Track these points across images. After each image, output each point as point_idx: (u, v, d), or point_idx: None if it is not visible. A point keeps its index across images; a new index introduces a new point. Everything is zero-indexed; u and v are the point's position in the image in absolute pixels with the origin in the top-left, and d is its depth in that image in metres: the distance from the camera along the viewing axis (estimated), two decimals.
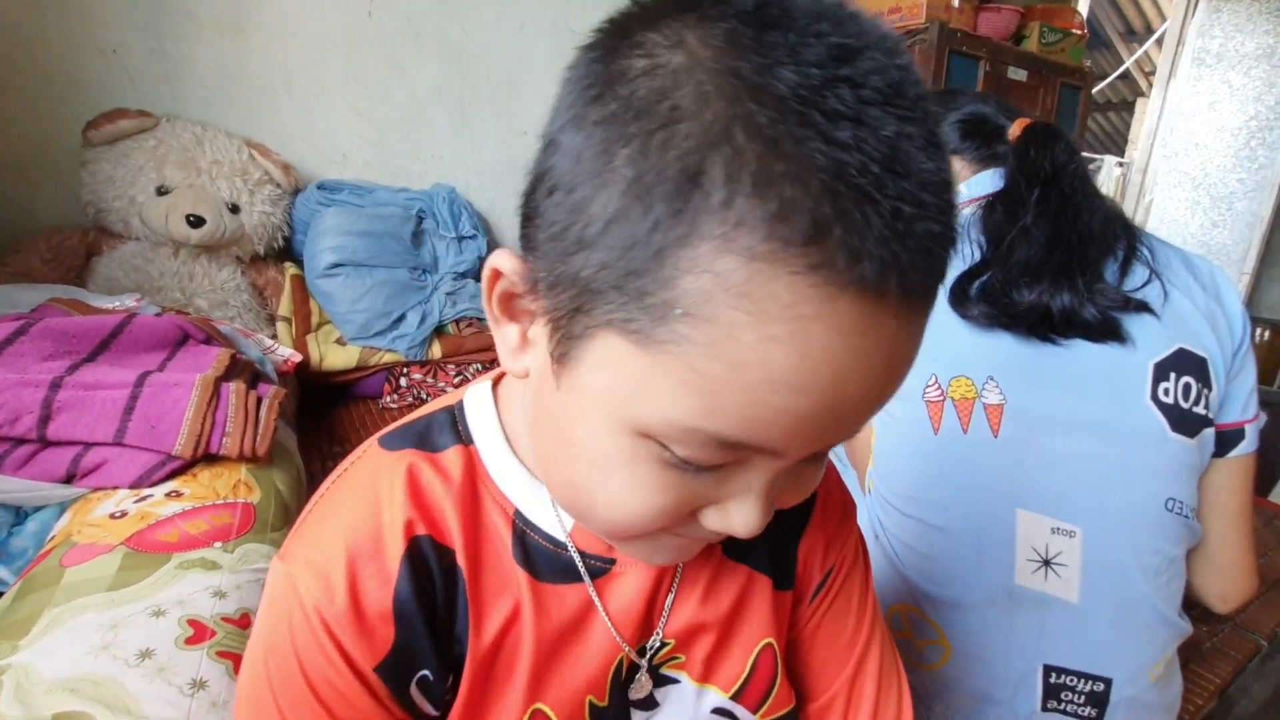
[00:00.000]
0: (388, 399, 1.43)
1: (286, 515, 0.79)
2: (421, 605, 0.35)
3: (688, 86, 0.24)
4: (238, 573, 0.65)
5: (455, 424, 0.40)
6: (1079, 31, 2.46)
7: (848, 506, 0.49)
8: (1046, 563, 0.67)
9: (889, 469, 0.75)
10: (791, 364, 0.24)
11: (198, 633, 0.57)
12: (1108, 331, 0.67)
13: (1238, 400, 0.71)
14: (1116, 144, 7.47)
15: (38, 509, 0.77)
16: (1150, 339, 0.68)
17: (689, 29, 0.25)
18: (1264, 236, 3.90)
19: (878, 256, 0.23)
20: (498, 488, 0.38)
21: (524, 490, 0.38)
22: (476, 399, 0.41)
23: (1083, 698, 0.66)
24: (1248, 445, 0.71)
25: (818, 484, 0.35)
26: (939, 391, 0.70)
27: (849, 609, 0.48)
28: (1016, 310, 0.67)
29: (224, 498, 0.76)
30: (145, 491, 0.75)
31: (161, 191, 1.30)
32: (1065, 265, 0.66)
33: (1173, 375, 0.67)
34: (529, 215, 0.30)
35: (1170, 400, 0.67)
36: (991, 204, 0.71)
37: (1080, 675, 0.66)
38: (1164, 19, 4.90)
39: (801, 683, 0.49)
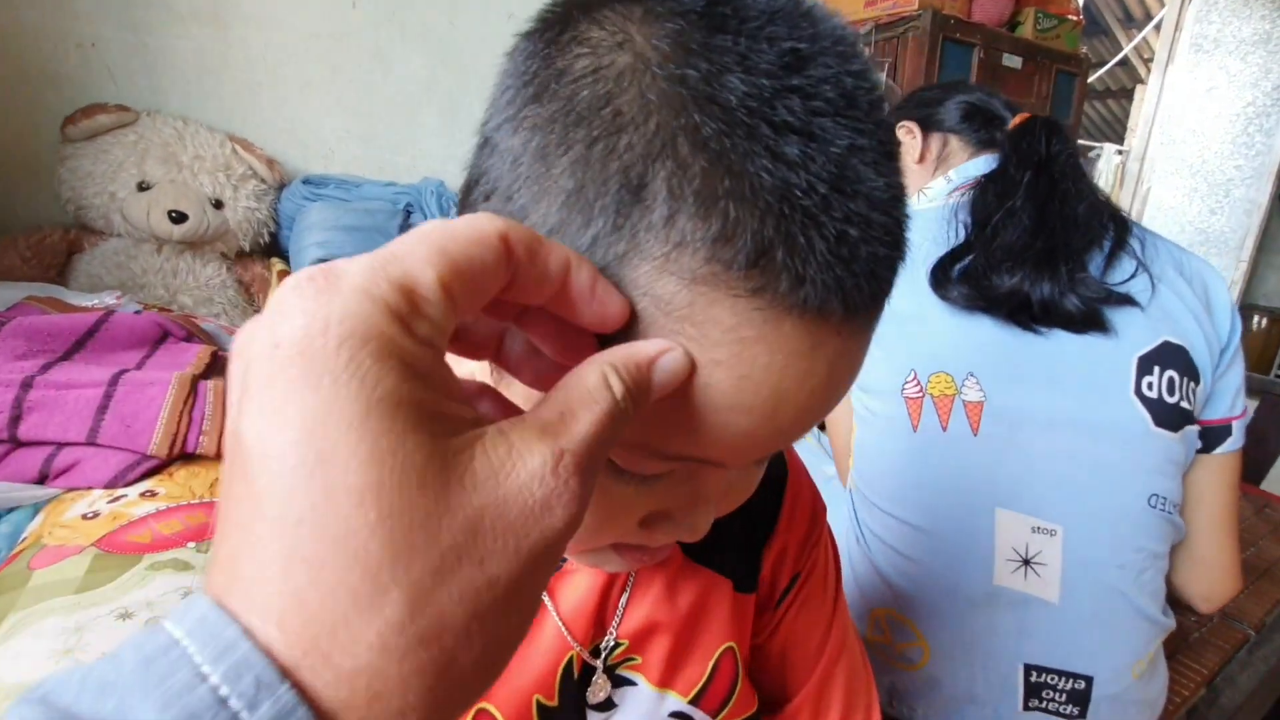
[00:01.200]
0: None
1: None
2: None
3: (631, 92, 0.23)
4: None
5: None
6: (1074, 18, 2.44)
7: (817, 511, 0.48)
8: (1026, 562, 0.66)
9: (869, 467, 0.75)
10: (733, 385, 0.24)
11: None
12: (1089, 322, 0.66)
13: (1225, 396, 0.70)
14: (1116, 132, 7.44)
15: (10, 510, 0.76)
16: (1134, 332, 0.67)
17: (634, 25, 0.24)
18: (1261, 223, 3.89)
19: (820, 281, 0.23)
20: None
21: None
22: None
23: (1064, 696, 0.66)
24: (1234, 442, 0.70)
25: (756, 486, 0.35)
26: (918, 388, 0.69)
27: (818, 613, 0.47)
28: (995, 294, 0.66)
29: (200, 497, 0.75)
30: (119, 491, 0.74)
31: (143, 187, 1.28)
32: (1048, 252, 0.66)
33: (1156, 369, 0.66)
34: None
35: (1154, 395, 0.66)
36: (984, 185, 0.71)
37: (1061, 674, 0.66)
38: (1162, 5, 4.87)
39: (769, 688, 0.49)
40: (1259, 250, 3.96)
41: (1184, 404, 0.67)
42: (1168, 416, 0.66)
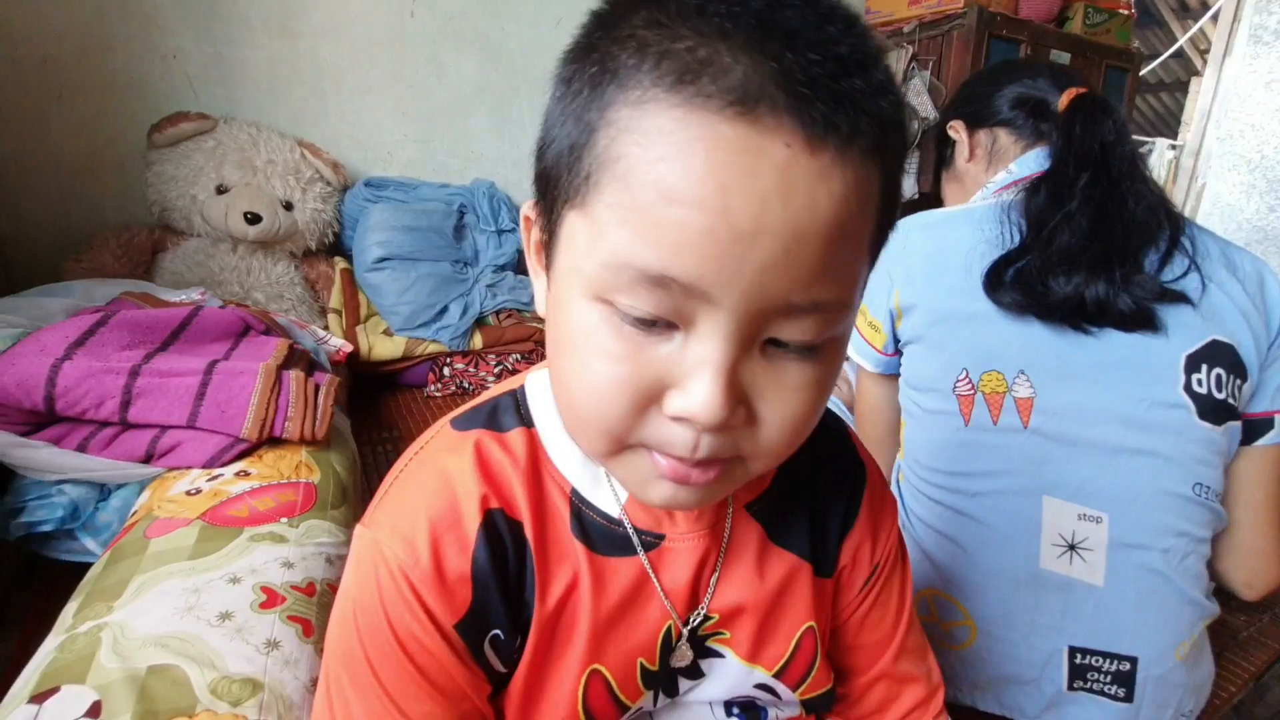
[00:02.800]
0: (432, 388, 1.49)
1: (344, 494, 0.84)
2: (496, 571, 0.39)
3: (621, 28, 0.30)
4: (303, 546, 0.70)
5: (518, 407, 0.44)
6: (1126, 11, 2.39)
7: (889, 507, 0.51)
8: (1072, 547, 0.68)
9: (919, 458, 0.77)
10: (678, 177, 0.27)
11: (270, 599, 0.62)
12: (1141, 321, 0.67)
13: (1268, 389, 0.71)
14: (1169, 125, 7.20)
15: (120, 486, 0.84)
16: (1185, 330, 0.68)
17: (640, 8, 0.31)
18: None
19: (743, 86, 0.27)
20: (555, 467, 0.42)
21: (579, 470, 0.42)
22: (536, 384, 0.44)
23: (1109, 677, 0.68)
24: (1276, 435, 0.71)
25: (811, 400, 0.33)
26: (970, 385, 0.72)
27: (890, 600, 0.51)
28: (1050, 300, 0.67)
29: (287, 477, 0.82)
30: (216, 471, 0.81)
31: (221, 190, 1.37)
32: (1105, 255, 0.66)
33: (1204, 366, 0.67)
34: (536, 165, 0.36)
35: (1203, 390, 0.67)
36: (1036, 185, 0.71)
37: (1106, 655, 0.68)
38: None
39: (845, 664, 0.52)
40: None
41: (1230, 400, 0.68)
42: (1213, 411, 0.67)
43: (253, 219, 1.36)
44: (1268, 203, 3.96)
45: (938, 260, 0.75)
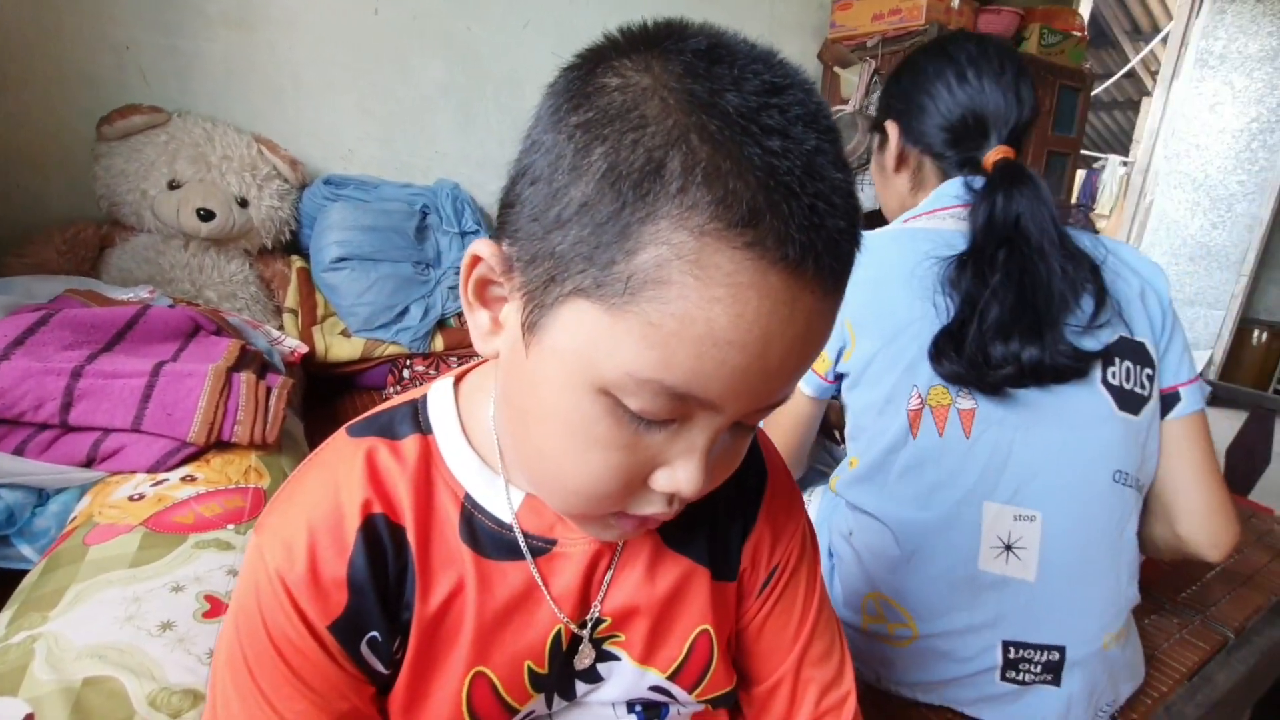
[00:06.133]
0: (391, 390, 1.47)
1: None
2: (373, 575, 0.40)
3: (654, 100, 0.30)
4: None
5: (416, 416, 0.45)
6: (1079, 34, 2.48)
7: (794, 503, 0.53)
8: (1008, 548, 0.72)
9: (868, 471, 0.80)
10: (730, 321, 0.29)
11: (214, 607, 0.61)
12: (1074, 374, 0.72)
13: (1170, 367, 0.78)
14: (1122, 143, 7.47)
15: (59, 491, 0.81)
16: (1103, 334, 0.75)
17: (654, 59, 0.31)
18: (1263, 239, 3.91)
19: (799, 241, 0.29)
20: (450, 473, 0.43)
21: (475, 477, 0.43)
22: (438, 394, 0.46)
23: (1039, 667, 0.73)
24: (1187, 406, 0.78)
25: (742, 458, 0.40)
26: (919, 401, 0.75)
27: (795, 600, 0.52)
28: (989, 370, 0.71)
29: (236, 483, 0.80)
30: (161, 476, 0.79)
31: (173, 185, 1.33)
32: (1035, 323, 0.71)
33: (1117, 359, 0.74)
34: (510, 203, 0.35)
35: (1116, 383, 0.74)
36: (962, 262, 0.74)
37: (1036, 647, 0.73)
38: (1169, 18, 4.91)
39: (749, 668, 0.54)
40: (1260, 265, 3.98)
41: (1138, 389, 0.74)
42: (1128, 401, 0.73)
43: (206, 215, 1.32)
44: (1210, 220, 4.14)
45: (881, 281, 0.77)
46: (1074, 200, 4.08)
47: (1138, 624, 0.87)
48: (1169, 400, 0.78)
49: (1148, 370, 0.75)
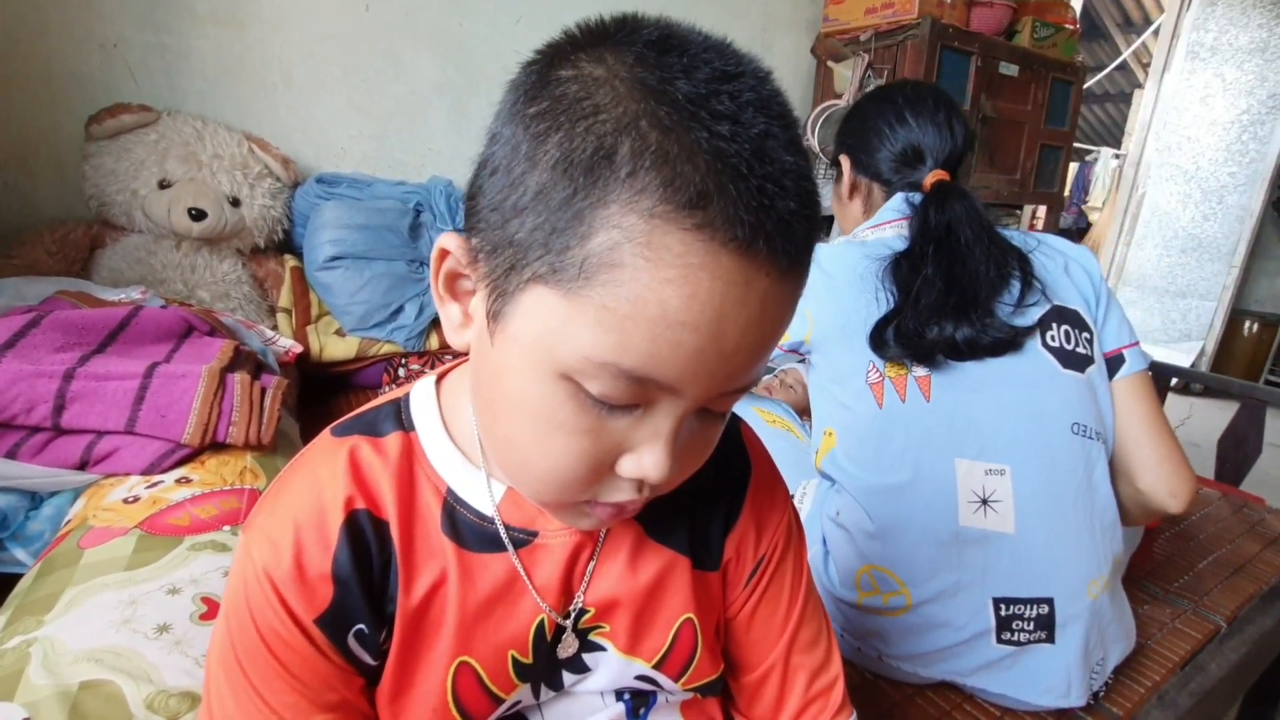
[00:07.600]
0: (386, 389, 1.47)
1: None
2: (357, 569, 0.40)
3: (605, 89, 0.30)
4: None
5: (399, 414, 0.45)
6: (1071, 27, 2.48)
7: (779, 494, 0.53)
8: (985, 501, 0.77)
9: (847, 446, 0.85)
10: (682, 303, 0.30)
11: (210, 609, 0.61)
12: (1007, 346, 0.79)
13: (1111, 333, 0.86)
14: (1114, 135, 7.50)
15: (53, 494, 0.81)
16: (1035, 310, 0.82)
17: (608, 51, 0.32)
18: (1254, 230, 3.93)
19: (748, 222, 0.29)
20: (433, 468, 0.44)
21: (457, 471, 0.44)
22: (420, 392, 0.46)
23: (1031, 624, 0.76)
24: (1131, 366, 0.85)
25: (713, 447, 0.41)
26: (878, 374, 0.82)
27: (783, 589, 0.52)
28: (924, 346, 0.79)
29: (231, 484, 0.80)
30: (156, 478, 0.79)
31: (163, 185, 1.32)
32: (961, 305, 0.79)
33: (1054, 325, 0.81)
34: (473, 195, 0.36)
35: (1056, 344, 0.81)
36: (898, 260, 0.83)
37: (1025, 601, 0.76)
38: (1161, 10, 4.92)
39: (739, 657, 0.54)
40: (1251, 256, 4.00)
41: (1079, 349, 0.82)
42: (1070, 360, 0.81)
43: (197, 215, 1.32)
44: (1202, 211, 4.16)
45: (833, 278, 0.87)
46: (1068, 194, 4.11)
47: (1132, 614, 0.89)
48: (1114, 363, 0.86)
49: (1085, 334, 0.84)
